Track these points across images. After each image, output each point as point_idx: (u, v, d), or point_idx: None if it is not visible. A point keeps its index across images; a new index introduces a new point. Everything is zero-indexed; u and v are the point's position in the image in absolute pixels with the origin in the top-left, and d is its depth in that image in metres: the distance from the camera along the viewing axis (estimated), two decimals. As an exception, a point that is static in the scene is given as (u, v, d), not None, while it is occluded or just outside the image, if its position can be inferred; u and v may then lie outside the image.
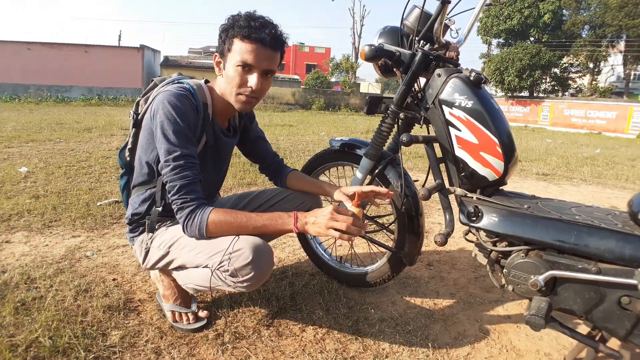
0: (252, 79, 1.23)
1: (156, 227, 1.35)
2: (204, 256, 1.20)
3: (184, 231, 1.21)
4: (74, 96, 18.01)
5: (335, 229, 1.10)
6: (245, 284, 1.15)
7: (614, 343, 1.12)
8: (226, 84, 1.27)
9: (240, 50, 1.20)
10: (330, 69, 28.80)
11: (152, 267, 1.36)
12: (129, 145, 1.42)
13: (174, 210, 1.20)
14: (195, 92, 1.27)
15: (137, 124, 1.38)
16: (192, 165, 1.20)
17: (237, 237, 1.17)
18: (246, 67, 1.22)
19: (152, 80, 1.43)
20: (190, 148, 1.21)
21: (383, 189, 1.36)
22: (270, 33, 1.20)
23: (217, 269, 1.17)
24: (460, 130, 1.24)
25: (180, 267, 1.29)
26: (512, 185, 3.96)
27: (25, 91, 17.53)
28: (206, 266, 1.20)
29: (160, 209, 1.32)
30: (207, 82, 1.39)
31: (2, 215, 2.35)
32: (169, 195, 1.19)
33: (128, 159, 1.43)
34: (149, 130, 1.28)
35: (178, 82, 1.32)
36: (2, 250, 1.91)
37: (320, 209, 1.17)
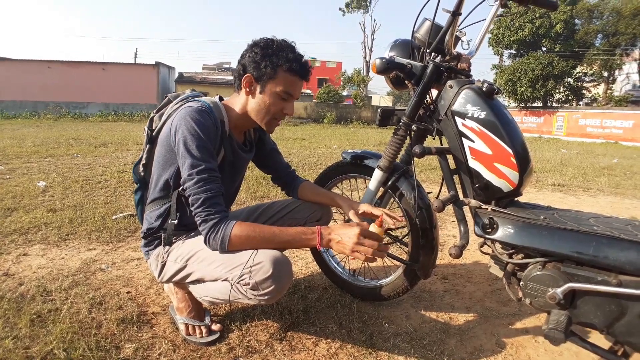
0: (290, 107, 1.35)
1: (173, 240, 1.35)
2: (223, 269, 1.20)
3: (206, 244, 1.21)
4: (91, 112, 18.47)
5: (361, 253, 1.15)
6: (265, 297, 1.17)
7: (637, 358, 1.08)
8: (260, 107, 1.32)
9: (286, 82, 1.29)
10: (341, 83, 28.98)
11: (168, 281, 1.37)
12: (144, 161, 1.44)
13: (197, 223, 1.21)
14: (212, 110, 1.29)
15: (152, 140, 1.40)
16: (215, 178, 1.22)
17: (256, 250, 1.18)
18: (287, 97, 1.31)
19: (166, 96, 1.46)
20: (212, 162, 1.23)
21: (396, 215, 1.40)
22: (309, 70, 1.34)
23: (238, 282, 1.18)
24: (473, 141, 1.23)
25: (198, 281, 1.30)
26: (528, 196, 3.89)
27: (45, 108, 18.05)
28: (226, 279, 1.21)
29: (175, 222, 1.33)
30: (221, 99, 1.41)
31: (21, 228, 2.40)
32: (192, 208, 1.20)
33: (142, 174, 1.45)
34: (166, 147, 1.30)
35: (194, 100, 1.34)
36: (19, 262, 1.95)
37: (345, 227, 1.19)
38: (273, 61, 1.26)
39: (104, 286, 1.74)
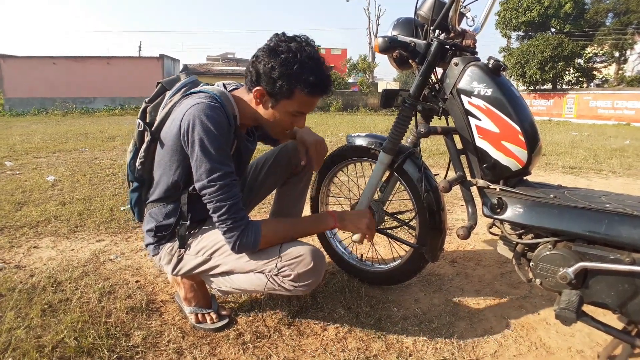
0: (301, 121, 1.30)
1: (188, 241, 1.32)
2: (258, 262, 1.22)
3: (233, 248, 1.20)
4: (97, 107, 18.55)
5: (369, 230, 1.34)
6: (304, 288, 1.22)
7: (652, 338, 1.05)
8: (269, 120, 1.27)
9: (302, 101, 1.21)
10: (347, 70, 28.72)
11: (185, 274, 1.35)
12: (141, 159, 1.32)
13: (222, 230, 1.19)
14: (224, 105, 1.21)
15: (153, 137, 1.29)
16: (235, 182, 1.19)
17: (293, 244, 1.22)
18: (299, 115, 1.27)
19: (159, 83, 1.34)
20: (231, 165, 1.19)
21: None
22: (331, 85, 1.23)
23: (277, 275, 1.20)
24: (480, 120, 1.20)
25: (224, 273, 1.29)
26: (538, 179, 3.84)
27: (52, 104, 18.13)
28: (261, 271, 1.22)
29: (188, 223, 1.30)
30: (224, 87, 1.34)
31: (31, 222, 2.42)
32: (215, 215, 1.17)
33: (140, 172, 1.34)
34: (173, 146, 1.22)
35: (199, 91, 1.25)
36: (30, 255, 1.97)
37: (358, 212, 1.39)
38: (291, 82, 1.15)
39: (113, 276, 1.75)
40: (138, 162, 1.33)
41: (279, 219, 1.31)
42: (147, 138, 1.30)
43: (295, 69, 1.14)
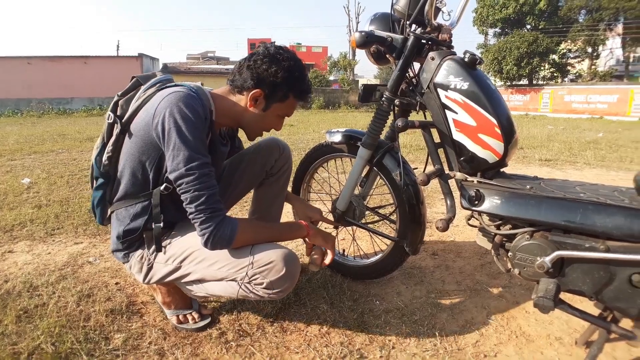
0: (281, 124, 1.37)
1: (162, 245, 1.28)
2: (228, 270, 1.18)
3: (207, 243, 1.13)
4: (75, 107, 18.07)
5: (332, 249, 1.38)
6: (279, 294, 1.20)
7: (626, 323, 1.09)
8: (257, 121, 1.31)
9: (291, 105, 1.31)
10: (328, 68, 28.72)
11: (157, 282, 1.31)
12: (109, 153, 1.26)
13: (198, 221, 1.12)
14: (200, 97, 1.19)
15: (123, 129, 1.24)
16: (213, 173, 1.16)
17: (264, 248, 1.18)
18: (284, 117, 1.35)
19: (134, 77, 1.31)
20: (208, 155, 1.16)
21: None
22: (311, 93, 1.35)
23: (249, 283, 1.17)
24: (457, 113, 1.22)
25: (197, 281, 1.26)
26: (516, 171, 3.91)
27: (28, 105, 17.58)
28: (233, 279, 1.19)
29: (161, 224, 1.25)
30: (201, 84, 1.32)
31: (5, 226, 2.35)
32: (192, 205, 1.11)
33: (107, 167, 1.28)
34: (144, 137, 1.18)
35: (175, 84, 1.24)
36: (4, 260, 1.91)
37: (325, 231, 1.43)
38: (290, 87, 1.25)
39: (92, 279, 1.71)
40: (105, 156, 1.27)
41: (256, 221, 1.30)
42: (116, 130, 1.25)
43: (297, 76, 1.25)
